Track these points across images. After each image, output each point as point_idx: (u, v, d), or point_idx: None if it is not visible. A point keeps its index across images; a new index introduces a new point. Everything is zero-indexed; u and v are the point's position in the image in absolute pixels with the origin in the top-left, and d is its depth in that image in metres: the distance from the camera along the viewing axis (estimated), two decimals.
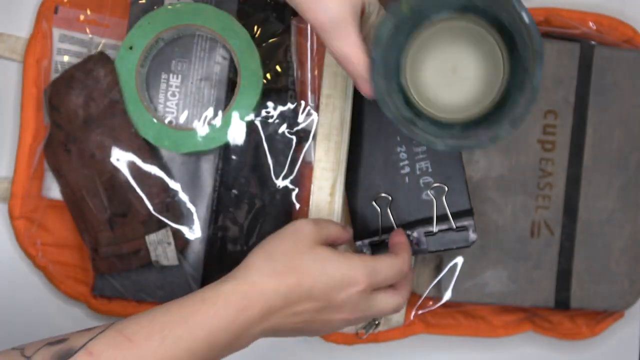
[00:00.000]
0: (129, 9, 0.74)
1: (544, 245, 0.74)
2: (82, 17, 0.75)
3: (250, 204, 0.73)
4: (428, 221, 0.70)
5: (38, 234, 0.74)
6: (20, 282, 0.76)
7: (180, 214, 0.72)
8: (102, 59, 0.71)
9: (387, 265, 0.61)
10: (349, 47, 0.57)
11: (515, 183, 0.74)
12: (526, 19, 0.55)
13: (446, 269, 0.73)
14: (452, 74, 0.64)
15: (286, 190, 0.74)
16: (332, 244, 0.64)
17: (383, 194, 0.71)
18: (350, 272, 0.59)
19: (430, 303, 0.76)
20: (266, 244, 0.60)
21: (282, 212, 0.74)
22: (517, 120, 0.57)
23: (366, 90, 0.59)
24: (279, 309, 0.57)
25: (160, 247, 0.71)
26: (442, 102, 0.64)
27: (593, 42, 0.76)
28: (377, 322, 0.75)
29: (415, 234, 0.70)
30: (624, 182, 0.75)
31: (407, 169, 0.70)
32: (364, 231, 0.71)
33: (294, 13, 0.76)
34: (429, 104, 0.65)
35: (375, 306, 0.61)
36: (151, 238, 0.71)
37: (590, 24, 0.76)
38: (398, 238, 0.67)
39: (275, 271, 0.57)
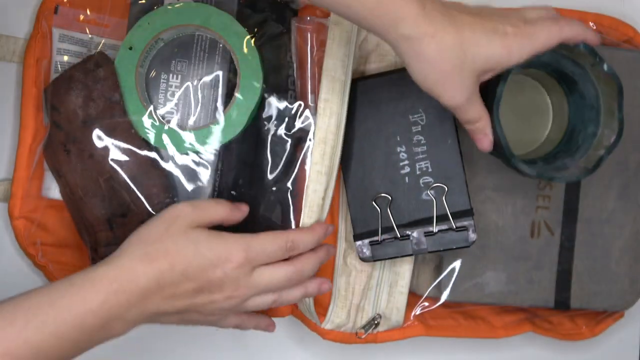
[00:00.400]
0: (128, 9, 0.74)
1: (544, 245, 0.74)
2: (82, 17, 0.75)
3: (248, 205, 0.73)
4: (428, 221, 0.70)
5: (38, 233, 0.74)
6: (20, 282, 0.76)
7: None
8: (102, 59, 0.71)
9: (266, 241, 0.63)
10: (477, 113, 0.61)
11: (515, 183, 0.74)
12: (607, 69, 0.66)
13: (447, 271, 0.73)
14: (517, 119, 0.74)
15: (283, 192, 0.74)
16: (221, 226, 0.64)
17: (383, 194, 0.71)
18: (224, 250, 0.60)
19: (427, 304, 0.75)
20: (141, 229, 0.61)
21: (279, 213, 0.74)
22: (612, 148, 0.67)
23: (486, 144, 0.63)
24: (153, 292, 0.57)
25: None
26: (517, 144, 0.68)
27: None
28: (376, 322, 0.75)
29: (415, 234, 0.70)
30: (624, 182, 0.75)
31: (407, 169, 0.70)
32: (364, 231, 0.71)
33: (294, 13, 0.76)
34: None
35: (259, 280, 0.62)
36: None
37: (591, 23, 0.76)
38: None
39: (147, 255, 0.58)
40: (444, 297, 0.73)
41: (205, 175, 0.72)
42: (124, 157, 0.70)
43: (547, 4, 0.76)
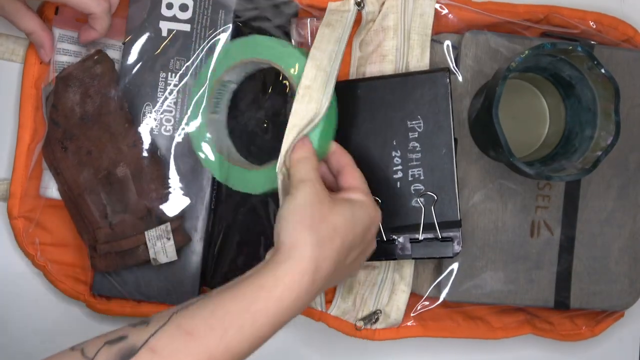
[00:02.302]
0: (127, 8, 0.74)
1: (544, 245, 0.74)
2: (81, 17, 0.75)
3: (246, 197, 0.73)
4: (415, 228, 0.69)
5: (37, 233, 0.74)
6: (19, 282, 0.77)
7: (178, 208, 0.72)
8: (100, 57, 0.71)
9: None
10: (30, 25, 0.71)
11: (515, 183, 0.73)
12: (604, 72, 0.65)
13: (446, 271, 0.73)
14: (514, 123, 0.74)
15: None
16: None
17: (373, 196, 0.70)
18: (372, 209, 0.63)
19: (427, 303, 0.75)
20: (294, 214, 0.60)
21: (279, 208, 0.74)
22: (609, 149, 0.66)
23: (44, 58, 0.74)
24: (334, 270, 0.59)
25: (159, 243, 0.71)
26: (515, 148, 0.67)
27: (593, 41, 0.75)
28: (376, 317, 0.75)
29: (400, 239, 0.70)
30: (623, 182, 0.75)
31: (399, 174, 0.70)
32: None
33: (294, 14, 0.76)
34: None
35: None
36: (151, 233, 0.71)
37: (591, 23, 0.75)
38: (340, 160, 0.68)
39: (321, 239, 0.58)
40: (443, 296, 0.73)
41: (205, 171, 0.72)
42: (121, 153, 0.70)
43: (547, 2, 0.76)
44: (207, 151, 0.71)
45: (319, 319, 0.76)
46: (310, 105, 0.66)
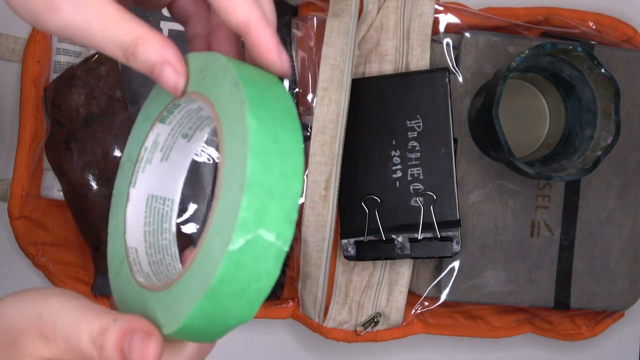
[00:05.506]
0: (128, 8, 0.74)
1: (544, 245, 0.74)
2: None
3: None
4: (414, 227, 0.70)
5: (38, 233, 0.74)
6: (20, 282, 0.77)
7: (182, 209, 0.72)
8: (103, 57, 0.71)
9: None
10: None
11: (515, 183, 0.74)
12: (605, 72, 0.65)
13: (446, 270, 0.73)
14: (515, 123, 0.74)
15: None
16: None
17: (372, 196, 0.70)
18: None
19: (427, 303, 0.75)
20: None
21: None
22: (609, 149, 0.66)
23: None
24: None
25: None
26: (515, 148, 0.68)
27: (593, 42, 0.75)
28: (376, 320, 0.75)
29: (400, 239, 0.70)
30: (623, 181, 0.75)
31: (399, 174, 0.70)
32: (350, 229, 0.71)
33: (294, 12, 0.76)
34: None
35: None
36: None
37: (590, 23, 0.76)
38: None
39: None
40: (444, 296, 0.73)
41: (206, 173, 0.72)
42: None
43: (546, 3, 0.76)
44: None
45: (316, 331, 0.76)
46: (330, 107, 0.67)
